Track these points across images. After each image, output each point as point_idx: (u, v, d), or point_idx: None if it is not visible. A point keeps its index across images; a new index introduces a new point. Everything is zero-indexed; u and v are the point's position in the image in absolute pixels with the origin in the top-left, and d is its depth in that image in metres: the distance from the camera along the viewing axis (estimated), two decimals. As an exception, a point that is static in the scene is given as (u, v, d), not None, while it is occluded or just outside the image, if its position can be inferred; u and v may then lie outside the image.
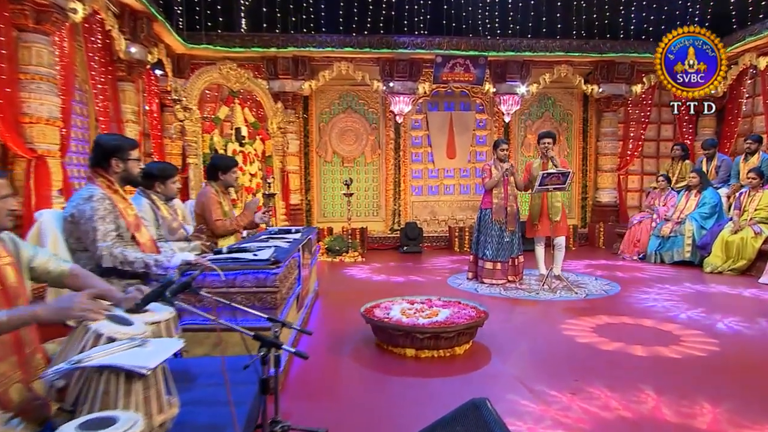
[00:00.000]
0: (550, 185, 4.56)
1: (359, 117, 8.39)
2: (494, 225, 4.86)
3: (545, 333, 3.60)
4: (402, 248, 7.80)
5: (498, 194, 4.91)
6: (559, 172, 4.50)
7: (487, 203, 4.95)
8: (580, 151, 8.92)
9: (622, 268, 6.22)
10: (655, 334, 3.59)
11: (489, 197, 4.91)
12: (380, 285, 5.28)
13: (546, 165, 4.78)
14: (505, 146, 4.92)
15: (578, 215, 9.00)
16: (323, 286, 5.19)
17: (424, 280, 5.43)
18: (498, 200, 4.90)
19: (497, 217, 4.87)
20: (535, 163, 4.96)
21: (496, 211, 4.86)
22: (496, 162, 4.94)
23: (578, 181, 8.89)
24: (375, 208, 8.61)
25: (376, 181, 8.57)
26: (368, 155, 8.49)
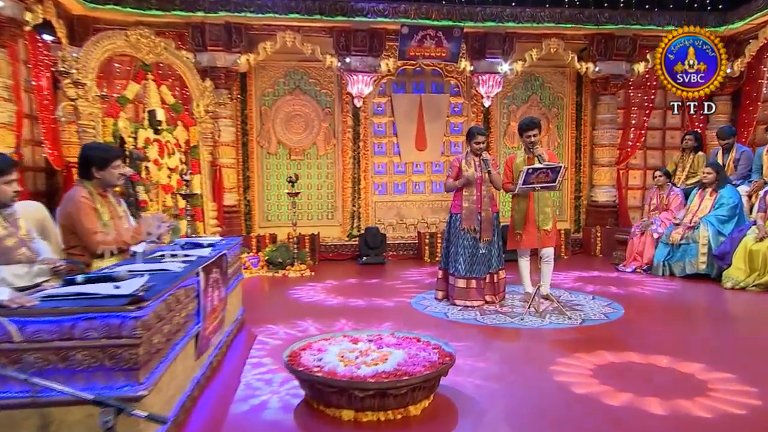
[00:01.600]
0: (536, 184, 4.27)
1: (309, 100, 8.02)
2: (466, 234, 4.60)
3: (531, 379, 3.19)
4: (361, 259, 7.57)
5: (469, 196, 4.62)
6: (547, 168, 4.21)
7: (456, 207, 4.68)
8: (572, 141, 8.71)
9: (624, 283, 6.03)
10: (674, 379, 3.21)
11: (459, 199, 4.63)
12: (329, 308, 5.00)
13: (532, 161, 4.53)
14: (482, 137, 4.64)
15: (571, 217, 8.82)
16: (255, 312, 4.80)
17: (384, 302, 5.18)
18: (469, 203, 4.61)
19: (468, 225, 4.60)
20: (518, 157, 4.69)
21: (466, 216, 4.58)
22: (470, 157, 4.64)
23: (570, 178, 8.68)
24: (329, 210, 8.27)
25: (331, 178, 8.20)
26: (321, 146, 8.13)
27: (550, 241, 4.64)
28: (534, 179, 4.23)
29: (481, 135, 4.64)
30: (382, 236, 7.73)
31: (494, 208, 4.76)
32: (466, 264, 4.60)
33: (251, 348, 3.85)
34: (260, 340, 4.03)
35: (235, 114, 7.73)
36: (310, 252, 7.47)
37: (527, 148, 4.59)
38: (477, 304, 4.68)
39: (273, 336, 4.14)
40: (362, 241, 7.67)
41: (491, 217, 4.69)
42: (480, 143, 4.64)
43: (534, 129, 4.54)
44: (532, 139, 4.53)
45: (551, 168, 4.23)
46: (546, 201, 4.61)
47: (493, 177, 4.64)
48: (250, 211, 7.90)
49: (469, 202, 4.62)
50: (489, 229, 4.68)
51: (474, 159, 4.68)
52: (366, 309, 4.90)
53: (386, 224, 8.33)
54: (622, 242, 7.21)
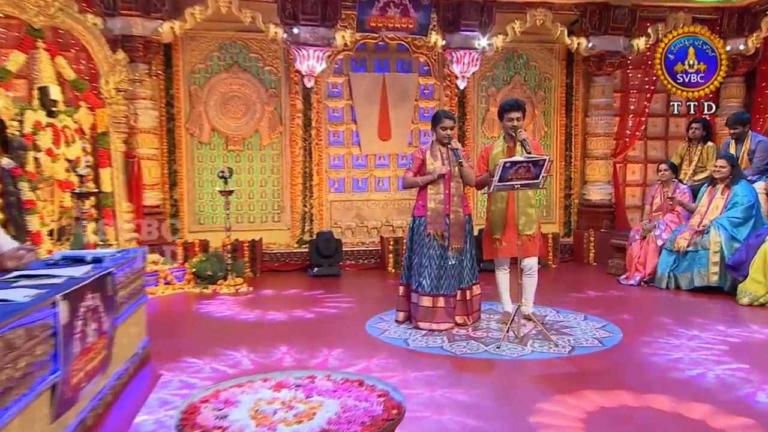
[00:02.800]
0: (516, 181, 4.07)
1: (250, 78, 7.77)
2: (432, 241, 4.44)
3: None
4: (311, 269, 7.33)
5: (435, 195, 4.48)
6: (529, 161, 4.00)
7: (419, 208, 4.55)
8: (561, 130, 8.62)
9: (621, 299, 5.95)
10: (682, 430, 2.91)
11: (422, 198, 4.50)
12: (268, 332, 4.75)
13: (512, 151, 4.41)
14: (450, 122, 4.49)
15: (559, 219, 8.75)
16: (172, 341, 4.47)
17: (335, 324, 5.02)
18: (435, 203, 4.46)
19: (434, 230, 4.46)
20: (495, 148, 4.57)
21: (432, 220, 4.44)
22: (436, 147, 4.51)
23: (559, 173, 8.64)
24: (275, 211, 8.03)
25: (277, 173, 7.96)
26: (265, 134, 7.87)
27: (533, 249, 4.53)
28: (513, 175, 4.03)
29: (448, 119, 4.49)
30: (337, 242, 7.51)
31: (466, 209, 4.62)
32: (431, 278, 4.44)
33: (151, 393, 3.44)
34: (173, 379, 3.68)
35: (158, 94, 7.38)
36: (249, 262, 7.25)
37: (508, 134, 4.45)
38: (445, 327, 4.52)
39: (195, 373, 3.80)
40: (313, 249, 7.43)
41: (462, 221, 4.54)
42: (447, 129, 4.47)
43: (517, 111, 4.40)
44: (515, 123, 4.37)
45: (533, 161, 4.03)
46: (528, 200, 4.50)
47: (465, 171, 4.47)
48: (178, 212, 7.58)
49: (435, 201, 4.47)
50: (459, 235, 4.52)
51: (441, 149, 4.52)
52: (313, 333, 4.73)
53: (344, 228, 8.16)
54: (619, 249, 7.15)
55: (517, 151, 4.38)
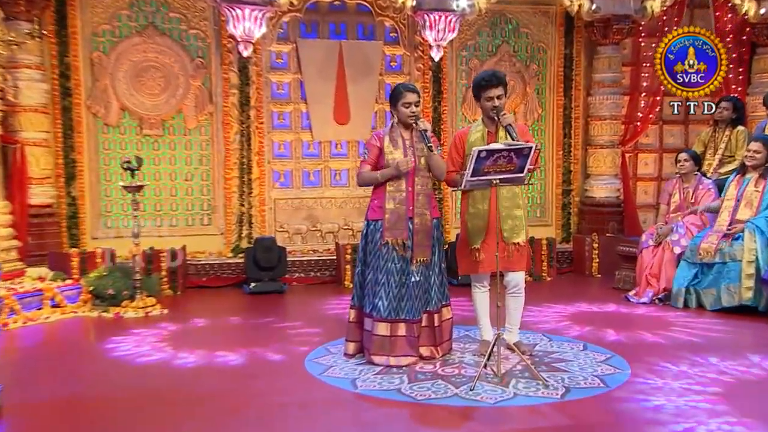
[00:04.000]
0: (494, 174, 3.92)
1: (171, 45, 7.47)
2: (390, 252, 4.34)
3: None
4: (247, 285, 7.06)
5: (396, 192, 4.36)
6: (510, 149, 3.87)
7: (375, 210, 4.44)
8: (559, 112, 8.50)
9: (631, 322, 5.75)
10: None
11: (379, 197, 4.40)
12: (176, 375, 4.46)
13: (494, 137, 4.33)
14: (414, 96, 4.34)
15: (556, 221, 8.62)
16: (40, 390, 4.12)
17: (267, 360, 4.72)
18: (395, 204, 4.35)
19: (393, 238, 4.33)
20: (473, 133, 4.46)
21: (390, 225, 4.34)
22: (397, 131, 4.40)
23: (556, 164, 8.53)
24: (204, 211, 7.72)
25: (207, 163, 7.67)
26: (190, 116, 7.57)
27: (520, 263, 4.44)
28: (490, 167, 3.88)
29: (411, 92, 4.33)
30: (280, 251, 7.20)
31: (434, 211, 4.51)
32: (389, 299, 4.31)
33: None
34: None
35: (50, 63, 7.05)
36: (168, 276, 6.95)
37: (488, 116, 4.34)
38: (407, 362, 4.33)
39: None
40: (250, 260, 7.09)
41: (429, 226, 4.40)
42: (411, 105, 4.30)
43: (497, 87, 4.27)
44: (495, 102, 4.24)
45: (516, 150, 3.87)
46: (515, 199, 4.39)
47: (435, 161, 4.34)
48: (77, 213, 7.22)
49: (395, 201, 4.33)
50: (426, 245, 4.38)
51: (403, 134, 4.36)
52: (237, 376, 4.40)
53: (291, 232, 7.91)
54: (628, 257, 7.06)
55: (499, 136, 4.27)
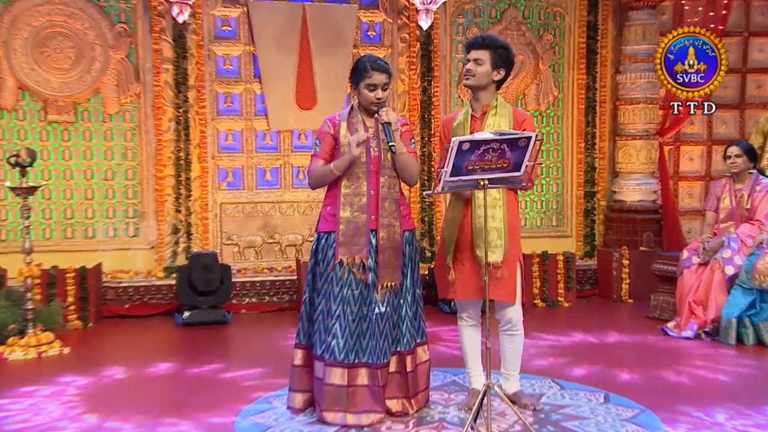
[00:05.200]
0: (481, 171, 3.80)
1: (85, 6, 7.14)
2: (347, 275, 4.19)
3: None
4: (180, 315, 6.79)
5: (353, 196, 4.23)
6: (502, 139, 3.73)
7: (327, 219, 4.33)
8: (580, 94, 8.24)
9: (667, 364, 5.49)
10: None
11: (332, 202, 4.30)
12: None
13: (479, 122, 4.29)
14: (383, 77, 4.18)
15: (576, 232, 8.36)
16: None
17: (189, 426, 4.39)
18: (352, 212, 4.21)
19: (350, 256, 4.18)
20: (457, 119, 4.44)
21: (346, 239, 4.19)
22: (357, 117, 4.32)
23: (576, 159, 8.28)
24: (129, 219, 7.47)
25: (133, 158, 7.39)
26: (111, 97, 7.25)
27: (505, 289, 4.23)
28: (476, 163, 3.73)
29: (378, 71, 4.12)
30: (222, 270, 6.90)
31: (406, 221, 4.32)
32: (346, 337, 4.12)
33: None
34: None
35: None
36: (76, 304, 6.55)
37: (475, 96, 4.27)
38: (370, 420, 4.11)
39: None
40: (183, 282, 6.79)
41: (399, 241, 4.21)
42: (377, 88, 4.09)
43: (478, 49, 4.19)
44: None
45: (510, 141, 3.71)
46: (494, 202, 4.23)
47: (402, 162, 4.16)
48: None
49: (353, 208, 4.14)
50: (394, 265, 4.18)
51: (366, 121, 4.20)
52: None
53: (242, 246, 7.63)
54: (667, 278, 6.81)
55: (487, 123, 4.15)
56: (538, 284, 7.53)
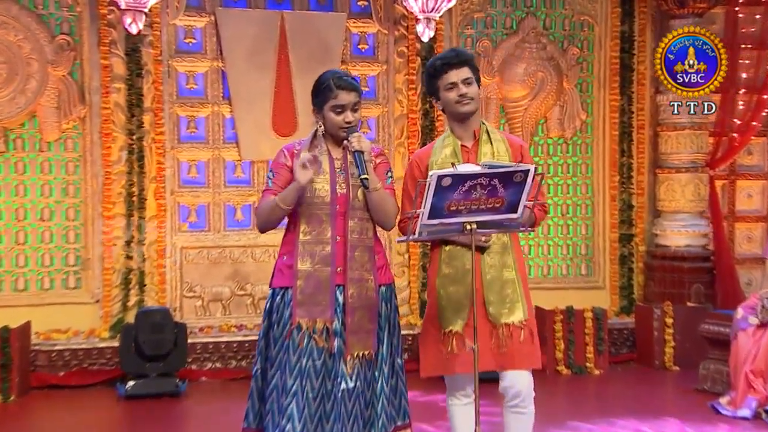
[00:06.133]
0: (467, 213, 3.67)
1: (19, 14, 6.98)
2: (307, 343, 4.00)
3: None
4: (123, 385, 6.60)
5: (314, 243, 4.09)
6: (493, 172, 3.59)
7: (281, 272, 4.15)
8: (613, 118, 8.04)
9: None
10: None
11: (289, 250, 4.10)
12: None
13: (474, 153, 4.20)
14: (351, 95, 4.04)
15: (610, 283, 8.14)
16: None
17: None
18: (313, 263, 4.09)
19: (310, 318, 4.00)
20: (438, 152, 4.35)
21: (305, 298, 4.04)
22: (323, 146, 4.17)
23: (609, 196, 8.09)
24: (69, 267, 7.25)
25: (75, 195, 7.20)
26: (50, 121, 7.08)
27: (523, 356, 4.11)
28: (462, 203, 3.61)
29: (348, 90, 3.98)
30: (177, 329, 6.70)
31: (382, 273, 4.15)
32: (305, 419, 3.97)
33: None
34: None
35: None
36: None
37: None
38: None
39: None
40: (127, 344, 6.63)
41: (373, 299, 4.05)
42: (346, 110, 3.96)
43: (459, 67, 4.09)
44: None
45: (503, 174, 3.62)
46: (504, 252, 4.13)
47: (378, 197, 4.02)
48: None
49: (314, 259, 4.01)
50: (367, 329, 4.04)
51: (331, 150, 4.10)
52: None
53: (207, 299, 7.45)
54: (719, 342, 6.61)
55: (482, 152, 4.07)
56: (562, 347, 7.34)
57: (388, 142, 7.61)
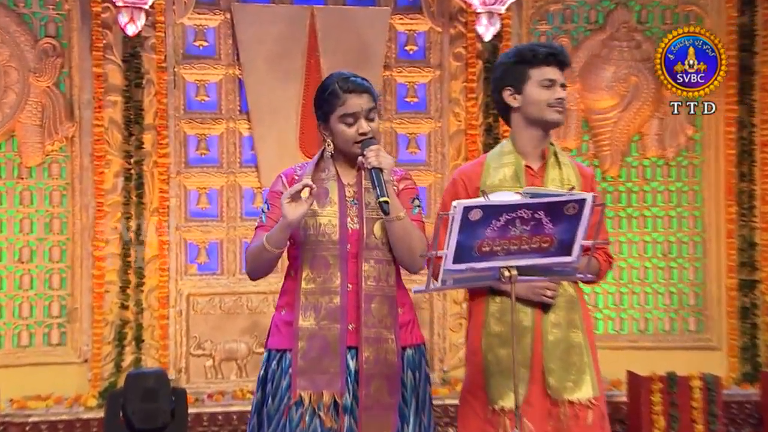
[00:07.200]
0: (505, 255, 3.42)
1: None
2: (309, 420, 3.76)
3: None
4: None
5: (318, 293, 3.82)
6: (533, 203, 3.34)
7: (279, 329, 3.84)
8: (728, 133, 7.67)
9: None
10: None
11: (289, 308, 3.79)
12: None
13: (539, 176, 3.99)
14: (365, 100, 3.76)
15: (727, 342, 7.67)
16: None
17: None
18: (317, 318, 3.85)
19: (312, 389, 3.78)
20: (493, 171, 4.07)
21: (307, 364, 3.79)
22: (329, 168, 3.94)
23: (721, 232, 7.69)
24: (52, 318, 7.08)
25: (61, 230, 7.10)
26: (31, 143, 7.00)
27: None
28: (498, 242, 3.35)
29: (354, 92, 3.71)
30: (175, 396, 6.45)
31: (409, 332, 3.95)
32: None
33: None
34: None
35: None
36: None
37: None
38: None
39: None
40: (112, 415, 6.38)
41: (394, 364, 3.87)
42: (359, 117, 3.66)
43: (563, 67, 3.87)
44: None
45: (549, 205, 3.31)
46: (574, 306, 3.92)
47: (400, 228, 3.80)
48: None
49: (319, 313, 3.79)
50: (386, 404, 3.85)
51: (341, 175, 3.89)
52: None
53: (219, 358, 7.21)
54: None
55: (550, 179, 3.93)
56: (662, 424, 6.90)
57: (442, 165, 7.38)
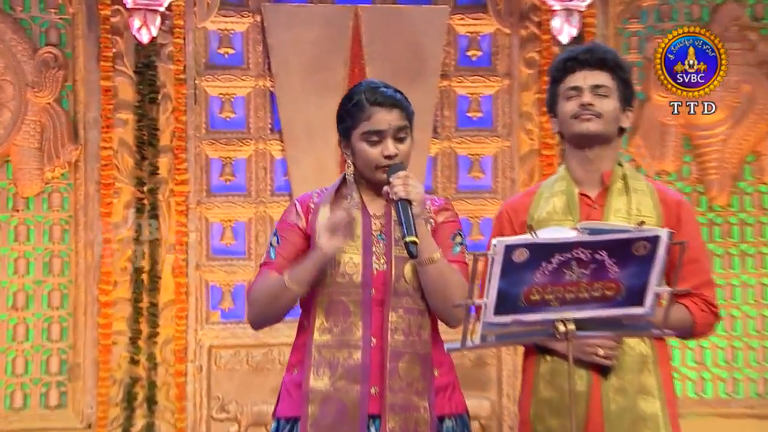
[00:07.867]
0: (560, 306, 3.30)
1: None
2: None
3: None
4: None
5: (335, 348, 3.57)
6: (592, 241, 3.23)
7: (291, 393, 3.53)
8: None
9: None
10: None
11: (300, 366, 3.55)
12: None
13: (599, 209, 3.70)
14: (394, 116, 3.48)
15: None
16: None
17: None
18: (333, 378, 3.65)
19: None
20: (543, 202, 3.86)
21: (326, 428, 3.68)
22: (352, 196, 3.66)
23: None
24: (52, 376, 6.96)
25: (62, 271, 6.99)
26: (26, 168, 6.96)
27: None
28: (545, 290, 3.13)
29: (383, 105, 3.36)
30: None
31: (447, 398, 3.56)
32: None
33: None
34: None
35: None
36: None
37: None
38: None
39: None
40: None
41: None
42: (387, 136, 3.36)
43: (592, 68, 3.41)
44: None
45: (613, 243, 3.11)
46: (646, 366, 3.60)
47: (434, 273, 3.40)
48: None
49: (335, 372, 3.47)
50: None
51: (367, 204, 3.51)
52: None
53: (246, 423, 7.09)
54: None
55: (613, 209, 3.52)
56: None
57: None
